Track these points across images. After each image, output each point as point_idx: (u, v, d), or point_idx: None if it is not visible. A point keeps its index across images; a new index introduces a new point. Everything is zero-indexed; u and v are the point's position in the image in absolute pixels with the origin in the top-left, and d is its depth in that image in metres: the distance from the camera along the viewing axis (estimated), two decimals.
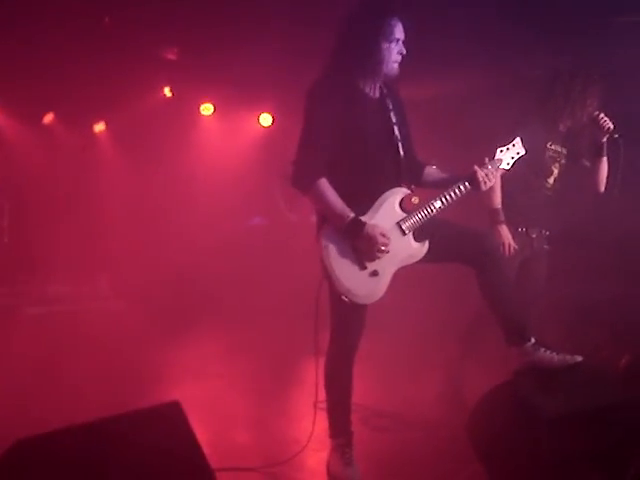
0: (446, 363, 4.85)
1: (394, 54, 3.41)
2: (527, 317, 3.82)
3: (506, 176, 3.96)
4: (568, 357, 3.51)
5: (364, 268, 3.37)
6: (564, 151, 4.56)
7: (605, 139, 4.39)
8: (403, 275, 3.49)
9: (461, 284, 4.67)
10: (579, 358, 3.52)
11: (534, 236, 4.54)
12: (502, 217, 4.36)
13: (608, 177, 4.54)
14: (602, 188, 4.58)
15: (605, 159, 4.49)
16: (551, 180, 4.56)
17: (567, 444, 3.08)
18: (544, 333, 4.31)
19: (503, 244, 4.31)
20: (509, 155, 3.60)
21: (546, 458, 3.10)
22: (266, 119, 9.87)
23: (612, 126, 4.30)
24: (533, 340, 3.59)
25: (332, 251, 3.35)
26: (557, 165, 4.55)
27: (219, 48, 7.57)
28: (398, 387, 5.17)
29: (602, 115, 4.33)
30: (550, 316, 5.14)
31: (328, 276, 3.35)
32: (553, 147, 4.50)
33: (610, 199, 4.51)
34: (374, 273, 3.39)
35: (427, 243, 3.48)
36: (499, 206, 4.37)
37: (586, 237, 5.59)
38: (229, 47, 7.47)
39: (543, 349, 3.57)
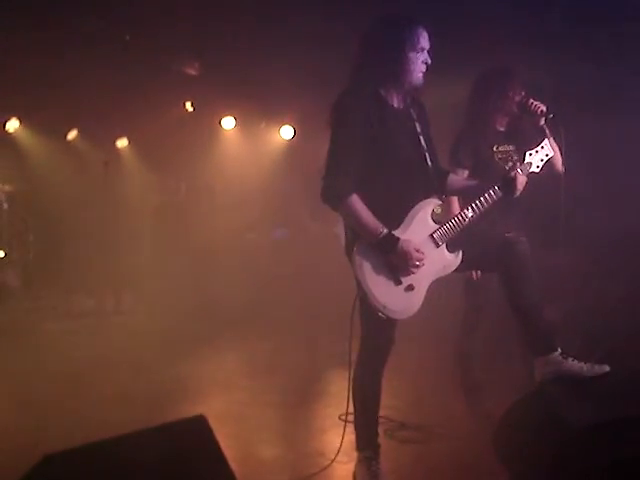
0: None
1: (419, 64, 3.39)
2: (553, 326, 3.79)
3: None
4: (596, 366, 3.49)
5: (399, 283, 3.34)
6: (512, 148, 4.43)
7: (543, 122, 4.30)
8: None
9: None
10: (607, 367, 3.49)
11: None
12: None
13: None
14: (560, 167, 4.46)
15: (551, 140, 4.40)
16: None
17: (597, 455, 3.05)
18: (566, 342, 4.28)
19: None
20: (538, 158, 3.60)
21: (575, 469, 3.07)
22: (287, 131, 9.90)
23: (545, 108, 4.20)
24: (559, 350, 3.56)
25: (366, 267, 3.30)
26: (510, 164, 4.43)
27: (239, 62, 7.63)
28: (424, 399, 5.13)
29: (531, 100, 4.25)
30: (569, 324, 5.09)
31: (363, 292, 3.32)
32: (500, 148, 4.40)
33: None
34: (409, 287, 3.35)
35: (460, 253, 3.45)
36: None
37: (598, 240, 5.54)
38: (250, 61, 7.53)
39: (570, 358, 3.54)
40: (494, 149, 4.40)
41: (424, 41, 3.39)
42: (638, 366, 4.27)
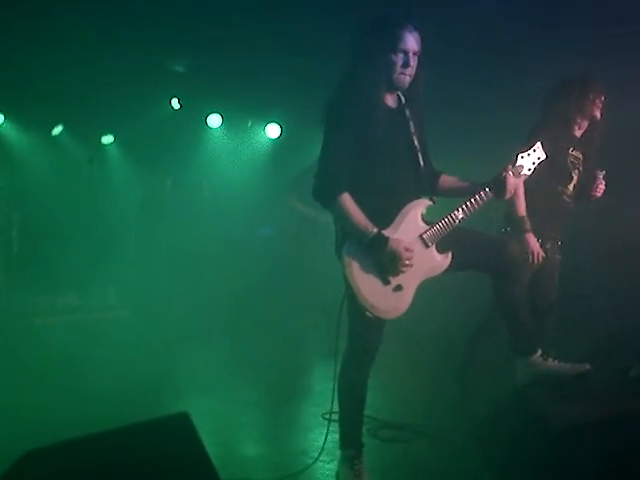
0: (455, 374, 4.84)
1: (399, 66, 3.34)
2: (536, 328, 3.81)
3: (528, 184, 3.95)
4: (577, 366, 3.54)
5: (388, 283, 3.33)
6: (581, 157, 4.54)
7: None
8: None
9: (475, 294, 4.68)
10: (587, 366, 3.53)
11: (548, 247, 4.46)
12: (529, 225, 4.29)
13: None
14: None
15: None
16: (571, 187, 4.52)
17: (578, 456, 3.07)
18: (552, 343, 4.31)
19: (532, 252, 4.25)
20: (530, 160, 3.55)
21: (558, 469, 3.09)
22: (274, 129, 9.90)
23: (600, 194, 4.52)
24: (540, 351, 3.59)
25: (355, 267, 3.31)
26: (577, 172, 4.51)
27: (226, 59, 7.61)
28: (408, 398, 5.15)
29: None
30: (557, 326, 5.13)
31: (352, 292, 3.32)
32: (574, 153, 4.49)
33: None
34: (398, 288, 3.35)
35: (450, 254, 3.44)
36: (525, 213, 4.31)
37: (586, 243, 5.59)
38: (237, 59, 7.52)
39: (551, 359, 3.57)
40: (569, 151, 4.45)
41: (406, 43, 3.32)
42: (620, 365, 4.31)
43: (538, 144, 3.59)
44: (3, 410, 4.79)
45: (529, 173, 3.57)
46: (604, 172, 4.49)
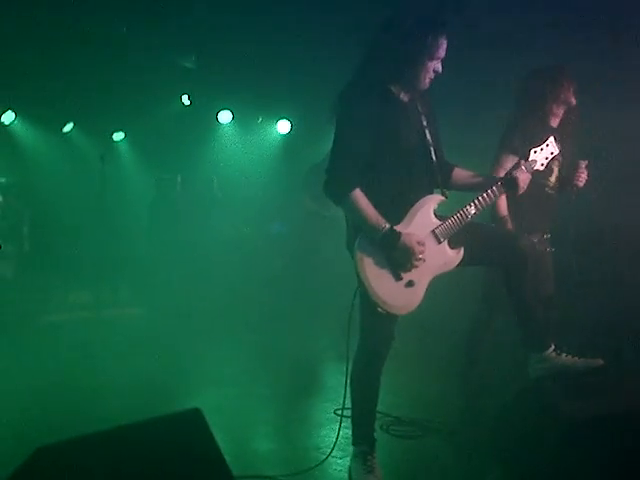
0: (458, 376, 4.82)
1: (431, 71, 3.33)
2: (548, 323, 3.79)
3: None
4: (590, 361, 3.52)
5: (400, 279, 3.32)
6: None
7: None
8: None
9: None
10: (600, 361, 3.51)
11: (535, 241, 4.43)
12: (510, 224, 4.29)
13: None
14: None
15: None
16: (553, 178, 4.47)
17: (591, 450, 3.05)
18: (564, 337, 4.29)
19: None
20: (543, 155, 3.53)
21: (569, 464, 3.08)
22: (284, 125, 9.90)
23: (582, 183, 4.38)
24: (553, 346, 3.57)
25: (367, 263, 3.29)
26: (557, 162, 4.41)
27: (237, 55, 7.62)
28: (420, 394, 5.13)
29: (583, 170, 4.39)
30: (569, 320, 5.10)
31: (364, 288, 3.31)
32: None
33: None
34: (410, 283, 3.34)
35: (462, 250, 3.42)
36: (506, 213, 4.30)
37: (601, 239, 5.56)
38: (247, 54, 7.52)
39: (564, 354, 3.55)
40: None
41: (442, 51, 3.32)
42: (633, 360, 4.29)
43: (551, 138, 3.55)
44: (15, 406, 4.82)
45: (542, 168, 3.55)
46: (587, 162, 4.41)
